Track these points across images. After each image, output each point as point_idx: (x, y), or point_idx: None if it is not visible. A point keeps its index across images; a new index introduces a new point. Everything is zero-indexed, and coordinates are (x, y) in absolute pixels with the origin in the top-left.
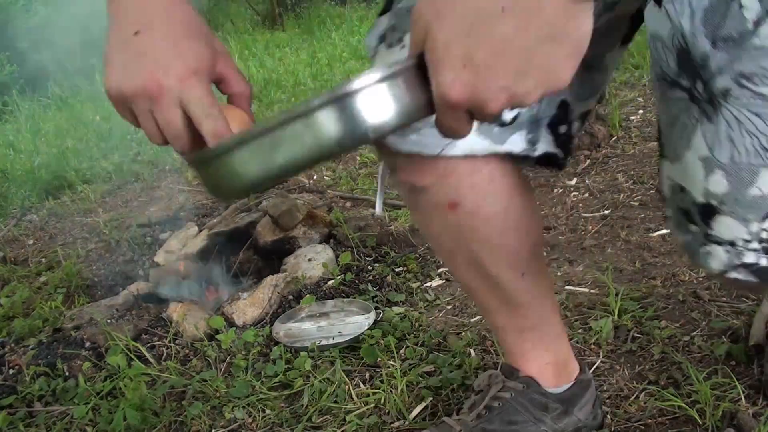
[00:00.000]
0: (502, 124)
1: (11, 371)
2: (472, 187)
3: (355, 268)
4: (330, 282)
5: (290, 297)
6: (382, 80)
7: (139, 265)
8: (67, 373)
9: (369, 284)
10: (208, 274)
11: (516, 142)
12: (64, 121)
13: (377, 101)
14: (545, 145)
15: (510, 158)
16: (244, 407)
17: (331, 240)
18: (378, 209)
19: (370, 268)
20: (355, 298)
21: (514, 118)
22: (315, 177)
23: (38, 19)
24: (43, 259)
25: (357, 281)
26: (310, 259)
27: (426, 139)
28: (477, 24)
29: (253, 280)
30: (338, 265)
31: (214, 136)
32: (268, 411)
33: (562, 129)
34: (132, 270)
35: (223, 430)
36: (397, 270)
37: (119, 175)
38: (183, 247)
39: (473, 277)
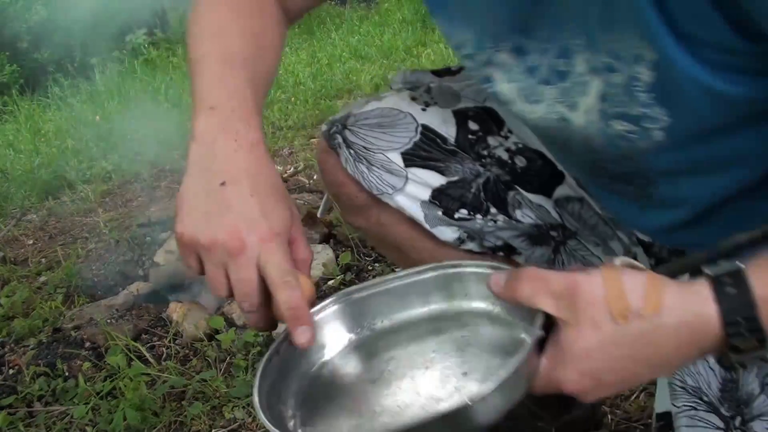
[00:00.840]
0: (448, 215)
1: (11, 371)
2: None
3: (355, 268)
4: (330, 282)
5: None
6: (502, 385)
7: (139, 265)
8: (67, 373)
9: None
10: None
11: (444, 233)
12: (64, 121)
13: (495, 403)
14: (474, 246)
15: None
16: (244, 407)
17: (331, 240)
18: (320, 212)
19: (370, 268)
20: None
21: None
22: (315, 177)
23: (38, 19)
24: (43, 259)
25: (357, 281)
26: None
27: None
28: (623, 361)
29: None
30: (338, 265)
31: (288, 308)
32: None
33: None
34: (132, 270)
35: (223, 430)
36: (396, 269)
37: (119, 175)
38: None
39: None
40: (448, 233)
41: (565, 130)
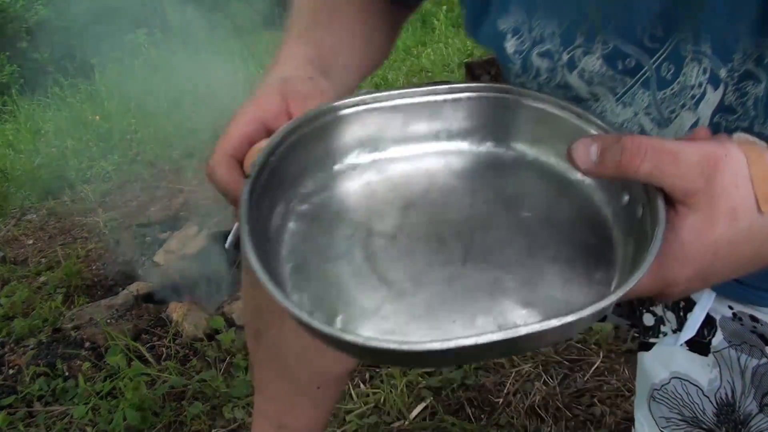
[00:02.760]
0: None
1: (11, 371)
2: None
3: None
4: None
5: None
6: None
7: (139, 265)
8: (66, 373)
9: None
10: (207, 274)
11: None
12: (64, 121)
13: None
14: None
15: None
16: (243, 407)
17: None
18: (228, 243)
19: None
20: None
21: None
22: None
23: (38, 19)
24: (43, 259)
25: None
26: None
27: None
28: (745, 260)
29: None
30: None
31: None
32: None
33: None
34: (132, 270)
35: (223, 430)
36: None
37: (119, 175)
38: (183, 247)
39: (264, 358)
40: None
41: None
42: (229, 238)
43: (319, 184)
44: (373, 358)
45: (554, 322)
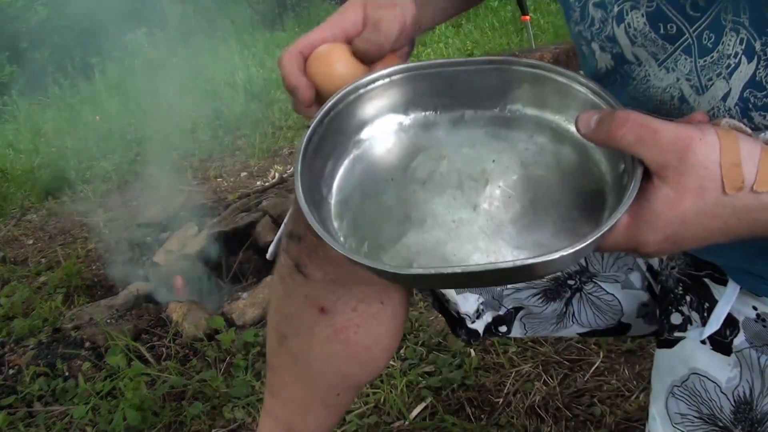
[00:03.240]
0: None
1: (11, 371)
2: (354, 309)
3: None
4: None
5: None
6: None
7: (139, 265)
8: (66, 373)
9: None
10: (207, 273)
11: (468, 300)
12: (64, 121)
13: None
14: (488, 316)
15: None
16: (243, 407)
17: None
18: (270, 254)
19: None
20: None
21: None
22: None
23: (38, 19)
24: (43, 259)
25: None
26: None
27: None
28: (713, 233)
29: (253, 280)
30: None
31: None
32: None
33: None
34: (132, 270)
35: (223, 430)
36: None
37: (119, 175)
38: (183, 247)
39: (285, 363)
40: (471, 300)
41: (678, 113)
42: (271, 248)
43: (371, 135)
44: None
45: (509, 264)
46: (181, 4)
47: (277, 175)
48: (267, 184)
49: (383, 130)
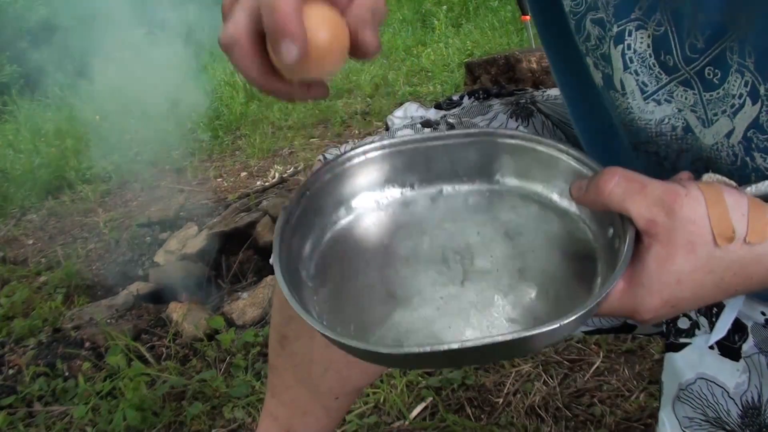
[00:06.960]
0: None
1: (11, 371)
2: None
3: None
4: None
5: None
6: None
7: (139, 265)
8: (66, 373)
9: None
10: (207, 273)
11: None
12: (64, 121)
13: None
14: None
15: None
16: (243, 407)
17: None
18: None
19: None
20: None
21: None
22: None
23: (38, 19)
24: (43, 259)
25: None
26: None
27: None
28: (709, 289)
29: (253, 280)
30: None
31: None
32: None
33: None
34: (132, 270)
35: (223, 430)
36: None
37: (119, 175)
38: (183, 247)
39: (286, 364)
40: None
41: (682, 143)
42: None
43: (349, 214)
44: (377, 362)
45: (508, 336)
46: (182, 3)
47: (277, 175)
48: (267, 184)
49: (361, 209)
